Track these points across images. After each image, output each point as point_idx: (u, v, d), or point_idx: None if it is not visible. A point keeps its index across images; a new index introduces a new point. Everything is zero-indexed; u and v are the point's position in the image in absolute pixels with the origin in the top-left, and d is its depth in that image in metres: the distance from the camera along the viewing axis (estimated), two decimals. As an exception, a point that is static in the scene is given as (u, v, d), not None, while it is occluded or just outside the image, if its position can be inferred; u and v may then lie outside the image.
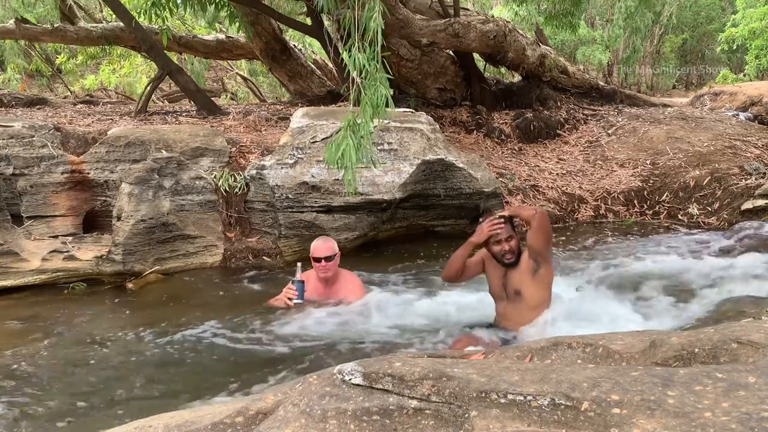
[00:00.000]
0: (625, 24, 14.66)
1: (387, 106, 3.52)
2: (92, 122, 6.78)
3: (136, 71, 12.56)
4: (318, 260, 3.82)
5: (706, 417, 1.20)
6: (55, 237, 5.03)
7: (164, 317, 4.00)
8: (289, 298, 3.77)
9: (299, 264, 3.90)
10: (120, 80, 12.43)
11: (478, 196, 5.85)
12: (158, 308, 4.25)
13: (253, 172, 5.37)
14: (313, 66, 10.27)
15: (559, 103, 9.41)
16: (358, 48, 3.42)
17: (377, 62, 3.50)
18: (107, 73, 12.38)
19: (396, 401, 1.44)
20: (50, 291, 4.62)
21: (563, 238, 6.04)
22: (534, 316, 3.23)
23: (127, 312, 4.27)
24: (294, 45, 10.23)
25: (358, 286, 3.98)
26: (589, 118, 9.10)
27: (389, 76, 3.59)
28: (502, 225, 3.20)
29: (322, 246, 3.87)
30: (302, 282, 3.77)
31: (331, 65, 9.68)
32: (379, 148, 5.44)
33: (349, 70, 3.51)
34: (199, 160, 5.47)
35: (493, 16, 9.14)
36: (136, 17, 7.42)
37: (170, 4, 6.55)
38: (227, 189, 5.36)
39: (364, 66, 3.45)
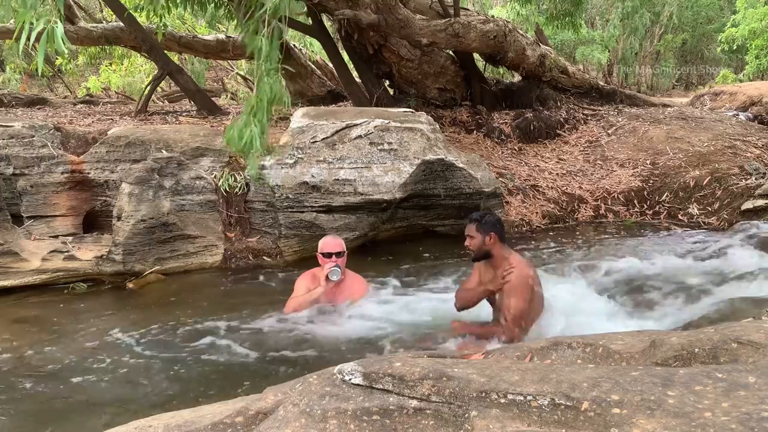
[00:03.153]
0: (623, 24, 14.67)
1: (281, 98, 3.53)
2: (92, 122, 6.78)
3: (138, 71, 12.54)
4: (329, 255, 3.79)
5: (706, 417, 1.20)
6: (55, 237, 5.03)
7: (164, 317, 4.00)
8: (330, 267, 3.71)
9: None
10: (121, 80, 12.42)
11: (478, 196, 5.85)
12: (158, 308, 4.26)
13: (253, 172, 5.36)
14: (313, 66, 10.27)
15: (559, 103, 9.40)
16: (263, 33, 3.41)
17: (275, 47, 3.49)
18: (108, 72, 12.36)
19: (396, 401, 1.44)
20: (50, 291, 4.62)
21: (563, 238, 6.04)
22: (526, 327, 3.22)
23: (127, 312, 4.27)
24: (294, 45, 10.23)
25: (363, 286, 3.97)
26: (589, 118, 9.10)
27: (286, 67, 3.60)
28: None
29: (332, 242, 3.87)
30: (339, 266, 3.76)
31: (331, 65, 9.68)
32: (379, 148, 5.44)
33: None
34: (199, 160, 5.47)
35: (493, 16, 9.14)
36: (136, 16, 7.43)
37: (169, 3, 6.56)
38: (227, 189, 5.36)
39: (266, 51, 3.45)
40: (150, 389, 3.02)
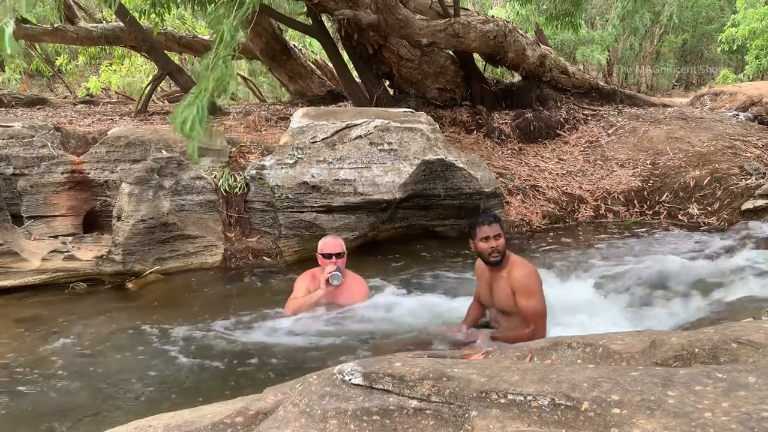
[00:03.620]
0: (623, 24, 14.67)
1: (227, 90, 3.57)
2: (92, 122, 6.78)
3: (138, 71, 12.54)
4: (329, 257, 3.77)
5: (706, 417, 1.20)
6: (55, 237, 5.03)
7: (164, 317, 4.00)
8: (330, 272, 3.68)
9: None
10: (121, 80, 12.41)
11: (478, 196, 5.85)
12: (158, 308, 4.25)
13: (253, 172, 5.37)
14: (313, 66, 10.26)
15: (559, 103, 9.40)
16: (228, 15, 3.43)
17: (237, 35, 3.51)
18: (108, 73, 12.37)
19: (396, 401, 1.44)
20: (50, 291, 4.62)
21: (563, 238, 6.04)
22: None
23: (127, 312, 4.26)
24: (294, 45, 10.23)
25: (363, 287, 3.96)
26: (589, 118, 9.10)
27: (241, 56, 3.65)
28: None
29: (332, 242, 3.85)
30: (340, 269, 3.73)
31: (330, 65, 9.68)
32: (379, 148, 5.44)
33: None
34: (199, 159, 5.46)
35: (493, 16, 9.14)
36: (136, 16, 7.43)
37: (169, 3, 6.56)
38: (227, 189, 5.36)
39: (227, 39, 3.45)
40: (150, 389, 3.01)
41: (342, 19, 7.04)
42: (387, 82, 8.76)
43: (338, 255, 3.79)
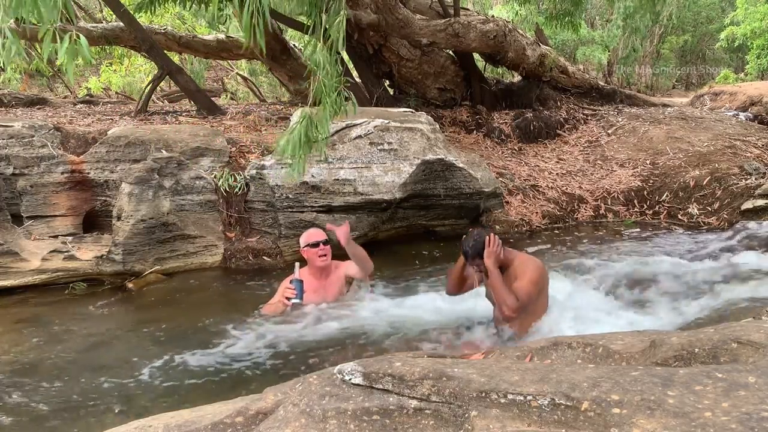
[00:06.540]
0: (625, 24, 14.66)
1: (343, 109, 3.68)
2: (92, 122, 6.77)
3: (138, 71, 12.54)
4: (316, 245, 3.77)
5: (706, 417, 1.20)
6: (55, 237, 5.03)
7: (164, 317, 4.00)
8: (287, 298, 3.70)
9: (297, 264, 3.84)
10: (121, 80, 12.41)
11: (478, 195, 5.85)
12: (158, 308, 4.26)
13: (253, 171, 5.37)
14: (313, 66, 10.24)
15: (559, 103, 9.40)
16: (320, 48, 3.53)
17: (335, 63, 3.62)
18: (108, 73, 12.36)
19: (396, 401, 1.44)
20: (50, 291, 4.62)
21: (563, 238, 6.04)
22: (529, 322, 3.21)
23: (127, 312, 4.27)
24: (294, 45, 10.22)
25: (353, 270, 3.94)
26: (589, 118, 9.10)
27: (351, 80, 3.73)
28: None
29: (316, 232, 3.88)
30: (301, 281, 3.68)
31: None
32: (379, 148, 5.44)
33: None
34: (199, 160, 5.47)
35: (493, 16, 9.13)
36: (135, 14, 7.43)
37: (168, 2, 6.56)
38: (227, 189, 5.36)
39: (324, 65, 3.55)
40: (149, 389, 3.02)
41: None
42: (387, 82, 8.76)
43: (325, 242, 3.81)
